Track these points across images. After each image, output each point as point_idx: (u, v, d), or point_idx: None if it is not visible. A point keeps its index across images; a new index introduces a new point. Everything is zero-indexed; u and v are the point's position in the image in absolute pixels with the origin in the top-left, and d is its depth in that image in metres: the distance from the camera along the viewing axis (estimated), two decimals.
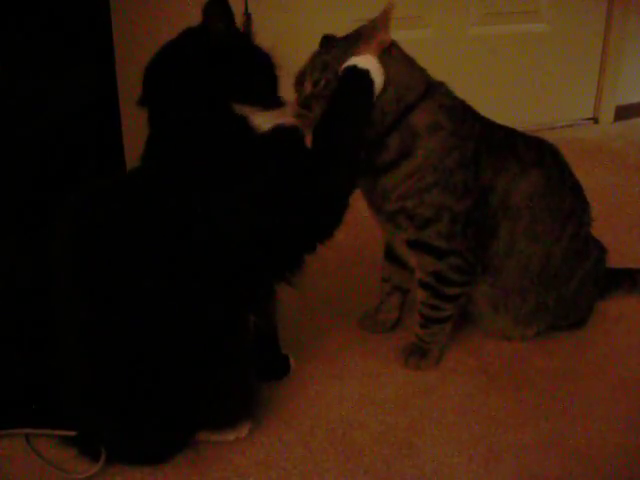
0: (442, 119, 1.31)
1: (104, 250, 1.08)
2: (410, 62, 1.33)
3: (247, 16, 2.20)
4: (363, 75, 1.24)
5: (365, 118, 1.26)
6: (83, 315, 1.10)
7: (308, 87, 1.31)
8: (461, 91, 1.38)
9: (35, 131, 1.39)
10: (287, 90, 1.30)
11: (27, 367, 1.32)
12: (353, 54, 1.26)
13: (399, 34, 1.32)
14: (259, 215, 1.11)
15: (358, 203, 1.32)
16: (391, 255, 1.51)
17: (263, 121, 1.15)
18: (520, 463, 1.20)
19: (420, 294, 1.42)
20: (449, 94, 1.36)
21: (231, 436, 1.23)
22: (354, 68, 1.24)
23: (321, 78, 1.28)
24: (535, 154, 1.40)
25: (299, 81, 1.33)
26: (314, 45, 1.35)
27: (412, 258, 1.40)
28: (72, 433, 1.19)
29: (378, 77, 1.25)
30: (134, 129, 1.66)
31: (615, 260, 1.63)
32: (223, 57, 1.17)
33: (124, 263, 1.07)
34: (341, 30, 1.34)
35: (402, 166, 1.30)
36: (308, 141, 1.22)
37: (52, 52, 1.38)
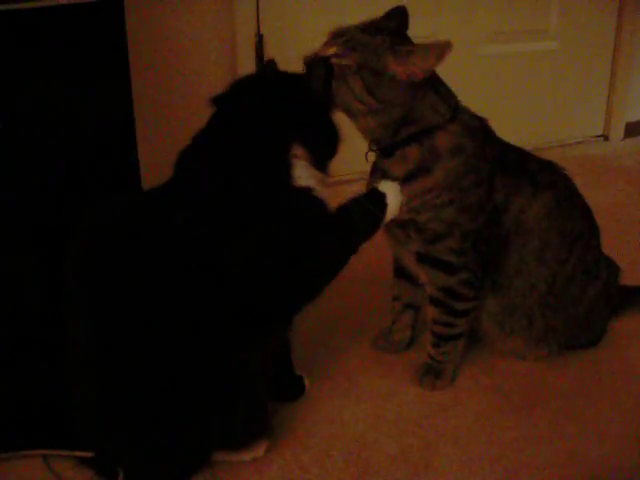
0: (465, 142, 1.31)
1: (117, 270, 1.09)
2: (439, 86, 1.32)
3: (259, 37, 2.23)
4: (381, 198, 1.31)
5: (367, 236, 1.30)
6: (99, 336, 1.11)
7: (327, 50, 1.26)
8: (471, 109, 1.38)
9: (52, 149, 1.41)
10: None
11: (44, 388, 1.32)
12: (387, 62, 1.24)
13: None
14: (257, 265, 1.13)
15: None
16: (400, 272, 1.52)
17: (302, 174, 1.18)
18: None
19: (431, 312, 1.43)
20: (474, 116, 1.37)
21: (247, 456, 1.23)
22: (375, 190, 1.31)
23: (342, 54, 1.25)
24: (547, 177, 1.41)
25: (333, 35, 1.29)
26: None
27: (422, 274, 1.41)
28: (89, 454, 1.20)
29: (393, 203, 1.30)
30: (149, 150, 1.70)
31: (628, 277, 1.63)
32: (308, 105, 1.24)
33: (139, 285, 1.08)
34: None
35: (419, 181, 1.31)
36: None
37: (70, 71, 1.40)
